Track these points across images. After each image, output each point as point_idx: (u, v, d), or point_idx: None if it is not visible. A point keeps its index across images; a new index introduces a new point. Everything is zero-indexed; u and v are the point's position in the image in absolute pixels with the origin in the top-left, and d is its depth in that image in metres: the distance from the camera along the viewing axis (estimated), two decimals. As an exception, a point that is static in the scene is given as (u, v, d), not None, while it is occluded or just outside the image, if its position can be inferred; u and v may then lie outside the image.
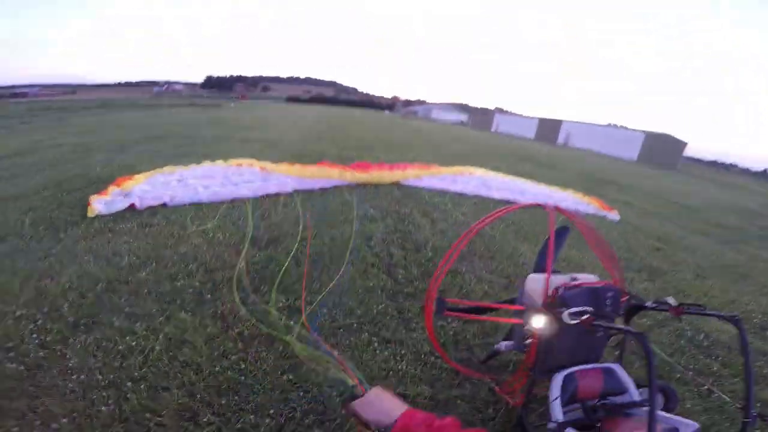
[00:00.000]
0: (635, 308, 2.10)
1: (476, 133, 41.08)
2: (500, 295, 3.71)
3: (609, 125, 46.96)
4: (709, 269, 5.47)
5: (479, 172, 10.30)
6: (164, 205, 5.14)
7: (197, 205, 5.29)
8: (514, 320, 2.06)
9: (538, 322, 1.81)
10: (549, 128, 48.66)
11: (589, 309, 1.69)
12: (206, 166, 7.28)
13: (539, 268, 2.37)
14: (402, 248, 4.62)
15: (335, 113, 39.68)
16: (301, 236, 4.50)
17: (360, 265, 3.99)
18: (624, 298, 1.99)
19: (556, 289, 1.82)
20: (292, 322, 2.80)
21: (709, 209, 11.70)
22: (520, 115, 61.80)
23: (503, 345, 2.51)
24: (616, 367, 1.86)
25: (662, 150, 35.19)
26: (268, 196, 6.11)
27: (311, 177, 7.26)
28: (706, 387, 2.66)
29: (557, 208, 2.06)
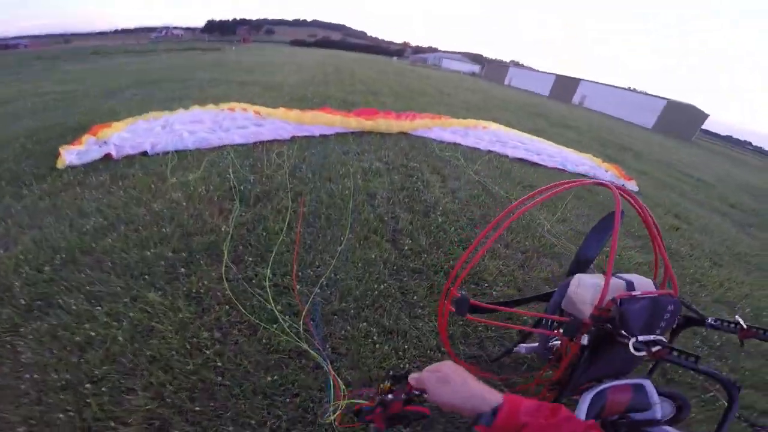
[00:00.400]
0: (690, 322, 1.70)
1: (488, 85, 39.08)
2: (516, 275, 3.33)
3: (629, 89, 44.44)
4: (724, 256, 5.04)
5: (493, 127, 9.59)
6: (145, 153, 4.66)
7: (181, 154, 4.79)
8: (551, 332, 1.67)
9: (584, 339, 1.43)
10: (565, 86, 46.15)
11: (662, 340, 1.28)
12: (195, 110, 6.65)
13: (582, 262, 1.93)
14: (409, 210, 4.19)
15: (336, 58, 37.51)
16: (295, 192, 4.06)
17: (361, 231, 3.57)
18: None
19: (612, 300, 1.40)
20: (278, 307, 2.43)
21: (724, 185, 11.13)
22: (536, 70, 58.51)
23: (523, 348, 2.17)
24: (646, 383, 1.55)
25: (681, 120, 33.56)
26: (261, 143, 5.59)
27: (310, 123, 6.63)
28: (712, 393, 2.42)
29: (621, 190, 1.58)
